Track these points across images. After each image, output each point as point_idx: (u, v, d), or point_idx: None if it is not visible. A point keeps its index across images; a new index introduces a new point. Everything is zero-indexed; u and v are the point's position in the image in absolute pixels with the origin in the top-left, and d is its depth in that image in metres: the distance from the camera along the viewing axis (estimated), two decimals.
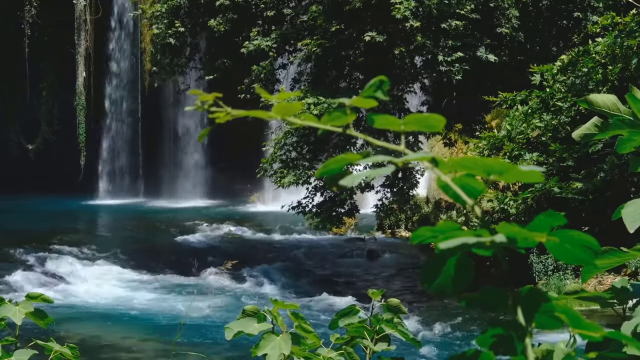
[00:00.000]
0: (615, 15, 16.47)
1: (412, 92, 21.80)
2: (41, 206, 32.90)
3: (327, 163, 1.04)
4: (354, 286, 19.91)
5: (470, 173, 0.99)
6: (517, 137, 16.67)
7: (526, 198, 16.40)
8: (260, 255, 23.32)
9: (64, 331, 14.68)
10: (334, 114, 1.07)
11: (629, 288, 1.67)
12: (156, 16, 22.51)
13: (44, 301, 2.89)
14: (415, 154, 1.00)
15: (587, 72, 16.24)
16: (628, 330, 1.51)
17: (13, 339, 2.76)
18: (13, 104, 38.53)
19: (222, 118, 1.09)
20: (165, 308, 17.76)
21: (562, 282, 16.43)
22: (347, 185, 1.03)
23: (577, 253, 0.99)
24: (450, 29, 18.76)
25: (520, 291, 0.99)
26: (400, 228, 27.44)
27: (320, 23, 19.72)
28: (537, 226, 0.97)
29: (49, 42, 37.52)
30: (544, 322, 1.00)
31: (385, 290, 2.84)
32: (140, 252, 23.43)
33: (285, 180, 19.54)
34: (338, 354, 2.63)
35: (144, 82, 37.55)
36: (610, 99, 1.80)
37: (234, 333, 2.58)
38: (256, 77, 20.60)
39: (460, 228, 0.98)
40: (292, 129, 19.73)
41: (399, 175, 20.54)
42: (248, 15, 21.37)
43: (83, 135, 37.44)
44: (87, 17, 37.24)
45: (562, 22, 20.75)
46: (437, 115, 1.05)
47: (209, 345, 14.08)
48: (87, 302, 18.32)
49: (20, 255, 22.14)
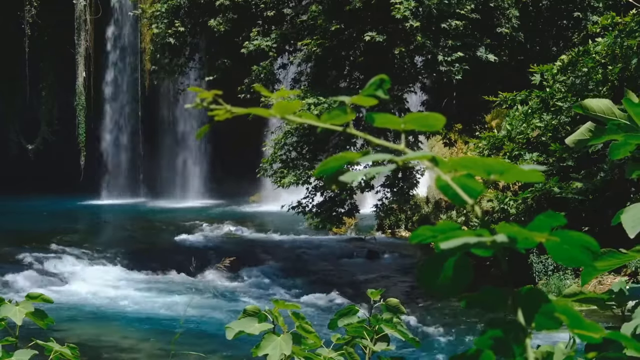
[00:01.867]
0: (615, 15, 16.47)
1: (412, 92, 21.80)
2: (41, 206, 32.90)
3: (326, 161, 1.04)
4: (353, 286, 19.90)
5: (470, 173, 0.99)
6: (517, 137, 16.67)
7: (526, 198, 16.40)
8: (260, 255, 23.32)
9: (64, 331, 14.68)
10: (333, 112, 1.07)
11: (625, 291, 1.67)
12: (156, 16, 22.51)
13: (44, 301, 2.89)
14: (415, 153, 1.00)
15: (587, 72, 16.24)
16: (628, 331, 1.51)
17: (13, 339, 2.76)
18: (13, 104, 38.53)
19: (222, 115, 1.09)
20: (165, 308, 17.76)
21: (562, 282, 16.43)
22: (346, 182, 1.02)
23: (576, 254, 0.99)
24: (450, 29, 18.76)
25: (520, 291, 0.99)
26: (400, 228, 27.43)
27: (320, 23, 19.72)
28: (537, 226, 0.97)
29: (49, 42, 37.54)
30: (544, 322, 0.99)
31: (385, 290, 2.83)
32: (140, 252, 23.43)
33: (285, 180, 19.54)
34: (338, 354, 2.63)
35: (144, 81, 37.56)
36: (605, 104, 1.78)
37: (235, 333, 2.58)
38: (256, 77, 20.60)
39: (460, 228, 0.98)
40: (292, 129, 19.74)
41: (399, 175, 20.54)
42: (248, 15, 21.37)
43: (83, 135, 37.45)
44: (87, 17, 37.25)
45: (562, 21, 20.76)
46: (436, 114, 1.05)
47: (209, 345, 14.07)
48: (87, 302, 18.32)
49: (20, 255, 22.14)
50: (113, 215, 33.79)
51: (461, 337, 15.16)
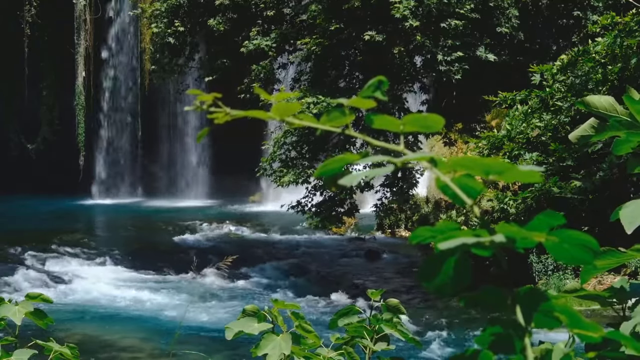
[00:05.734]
0: (615, 15, 16.47)
1: (411, 92, 21.80)
2: (41, 206, 32.89)
3: (326, 163, 1.04)
4: (353, 286, 19.90)
5: (469, 173, 0.99)
6: (516, 137, 16.67)
7: (526, 198, 16.40)
8: (260, 254, 23.32)
9: (64, 331, 14.68)
10: (332, 114, 1.07)
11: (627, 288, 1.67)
12: (156, 15, 22.52)
13: (44, 301, 2.89)
14: (415, 154, 1.00)
15: (586, 72, 16.24)
16: (627, 330, 1.51)
17: (13, 339, 2.76)
18: (13, 104, 38.52)
19: (221, 118, 1.09)
20: (165, 307, 17.76)
21: (562, 282, 16.43)
22: (346, 185, 1.03)
23: (576, 253, 0.99)
24: (450, 29, 18.76)
25: (520, 291, 0.99)
26: (400, 228, 27.43)
27: (320, 22, 19.73)
28: (537, 226, 0.97)
29: (49, 42, 37.53)
30: (543, 321, 1.00)
31: (385, 290, 2.84)
32: (139, 252, 23.43)
33: (285, 179, 19.54)
34: (338, 353, 2.63)
35: (143, 81, 37.55)
36: (607, 100, 1.80)
37: (234, 333, 2.58)
38: (256, 77, 20.60)
39: (460, 228, 0.98)
40: (291, 129, 19.73)
41: (399, 175, 20.54)
42: (248, 14, 21.37)
43: (82, 135, 37.45)
44: (87, 17, 37.24)
45: (562, 21, 20.76)
46: (435, 115, 1.05)
47: (209, 345, 14.07)
48: (86, 302, 18.32)
49: (20, 255, 22.14)
50: (113, 215, 33.77)
51: (461, 337, 15.16)
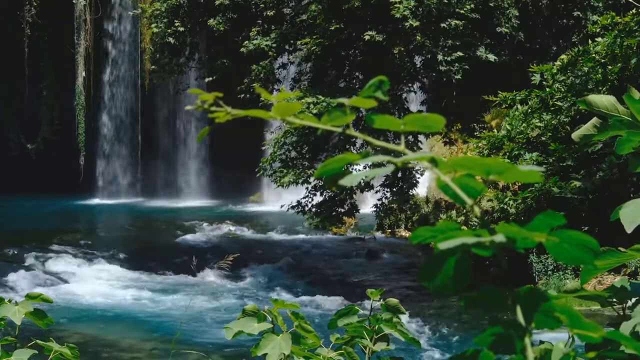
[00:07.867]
0: (615, 15, 16.47)
1: (412, 92, 21.80)
2: (41, 206, 32.88)
3: (327, 163, 1.04)
4: (353, 286, 19.89)
5: (469, 173, 0.99)
6: (517, 137, 16.67)
7: (526, 198, 16.40)
8: (260, 254, 23.31)
9: (64, 331, 14.68)
10: (333, 114, 1.07)
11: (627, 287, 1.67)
12: (156, 15, 22.52)
13: (44, 301, 2.89)
14: (415, 154, 1.00)
15: (586, 72, 16.24)
16: (627, 330, 1.51)
17: (13, 339, 2.76)
18: (13, 104, 38.52)
19: (222, 118, 1.09)
20: (165, 307, 17.76)
21: (562, 282, 16.43)
22: (346, 185, 1.03)
23: (576, 253, 0.99)
24: (450, 29, 18.76)
25: (520, 291, 0.99)
26: (400, 228, 27.42)
27: (320, 22, 19.73)
28: (537, 226, 0.97)
29: (49, 42, 37.52)
30: (543, 321, 1.00)
31: (385, 290, 2.84)
32: (140, 252, 23.44)
33: (285, 179, 19.54)
34: (338, 353, 2.63)
35: (143, 81, 37.55)
36: (609, 100, 1.80)
37: (234, 333, 2.58)
38: (256, 77, 20.60)
39: (460, 228, 0.98)
40: (291, 129, 19.73)
41: (399, 175, 20.54)
42: (248, 14, 21.37)
43: (82, 135, 37.44)
44: (87, 16, 37.24)
45: (562, 21, 20.77)
46: (436, 115, 1.05)
47: (209, 345, 14.08)
48: (86, 302, 18.32)
49: (20, 255, 22.14)
50: (113, 215, 33.78)
51: (461, 337, 15.16)
